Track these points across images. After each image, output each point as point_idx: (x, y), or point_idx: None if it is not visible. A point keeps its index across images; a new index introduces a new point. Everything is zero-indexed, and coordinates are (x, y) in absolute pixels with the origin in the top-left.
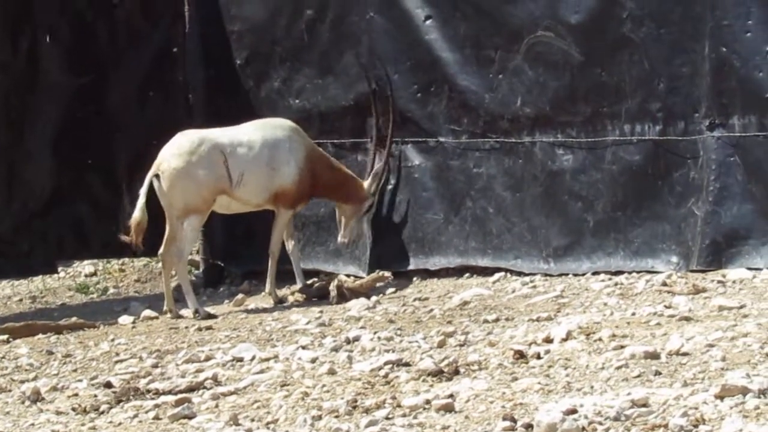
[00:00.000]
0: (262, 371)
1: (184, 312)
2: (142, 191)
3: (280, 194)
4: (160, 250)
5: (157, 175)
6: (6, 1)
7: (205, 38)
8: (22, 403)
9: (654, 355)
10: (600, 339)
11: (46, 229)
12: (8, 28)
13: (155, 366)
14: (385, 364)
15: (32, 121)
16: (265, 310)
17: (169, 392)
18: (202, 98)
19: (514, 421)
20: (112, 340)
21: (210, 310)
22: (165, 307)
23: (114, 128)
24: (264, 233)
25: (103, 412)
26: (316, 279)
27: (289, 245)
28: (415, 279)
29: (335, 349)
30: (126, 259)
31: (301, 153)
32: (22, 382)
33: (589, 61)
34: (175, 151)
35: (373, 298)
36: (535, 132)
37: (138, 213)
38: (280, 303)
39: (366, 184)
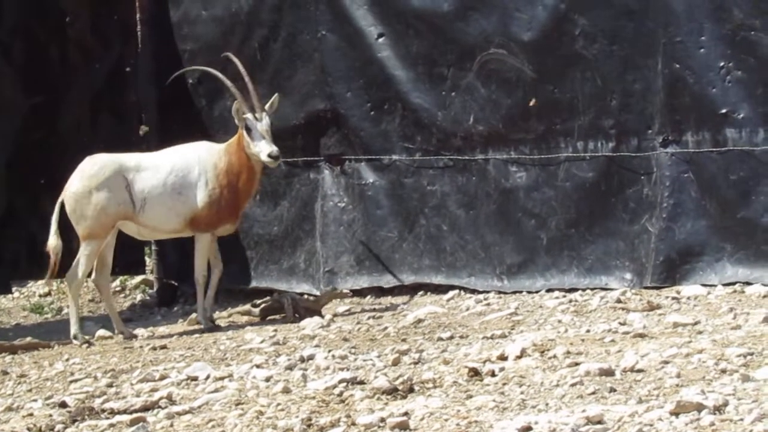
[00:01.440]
0: (216, 390)
1: (138, 331)
2: (54, 217)
3: (194, 219)
4: (92, 276)
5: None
6: None
7: (157, 58)
8: None
9: (609, 372)
10: (554, 356)
11: None
12: None
13: (110, 385)
14: (340, 382)
15: None
16: (219, 329)
17: (124, 411)
18: (154, 118)
19: None
20: (67, 359)
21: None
22: (116, 330)
23: (67, 148)
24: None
25: None
26: (269, 297)
27: (214, 273)
28: (369, 297)
29: (290, 368)
30: None
31: (211, 173)
32: None
33: (541, 78)
34: (78, 175)
35: (327, 317)
36: (488, 149)
37: (52, 239)
38: (212, 330)
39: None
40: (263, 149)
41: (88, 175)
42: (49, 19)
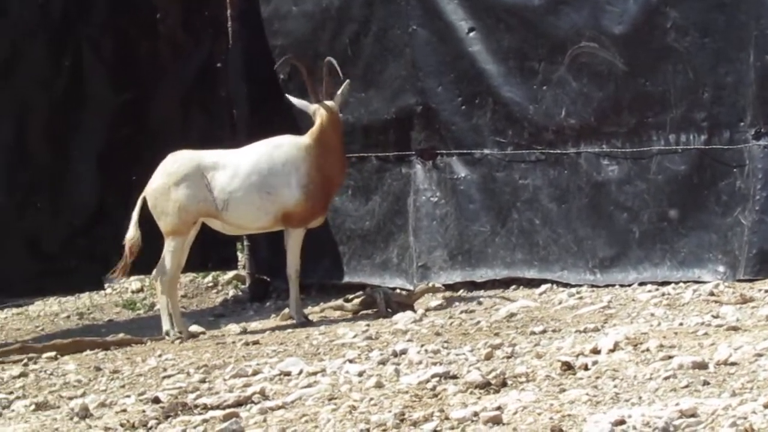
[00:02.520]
0: (309, 385)
1: (230, 327)
2: (135, 210)
3: (287, 216)
4: (153, 272)
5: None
6: (48, 18)
7: (248, 53)
8: (71, 419)
9: (702, 365)
10: (647, 349)
11: (91, 245)
12: (51, 45)
13: (203, 381)
14: (433, 376)
15: (76, 138)
16: (311, 324)
17: (217, 407)
18: (245, 113)
19: None
20: (160, 355)
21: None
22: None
23: (158, 144)
24: (309, 246)
25: (151, 428)
26: (361, 292)
27: None
28: (461, 291)
29: (382, 363)
30: None
31: (303, 168)
32: (71, 398)
33: (633, 71)
34: (159, 171)
35: (420, 311)
36: (580, 143)
37: (131, 231)
38: (304, 325)
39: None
40: None
41: (168, 171)
42: (140, 15)
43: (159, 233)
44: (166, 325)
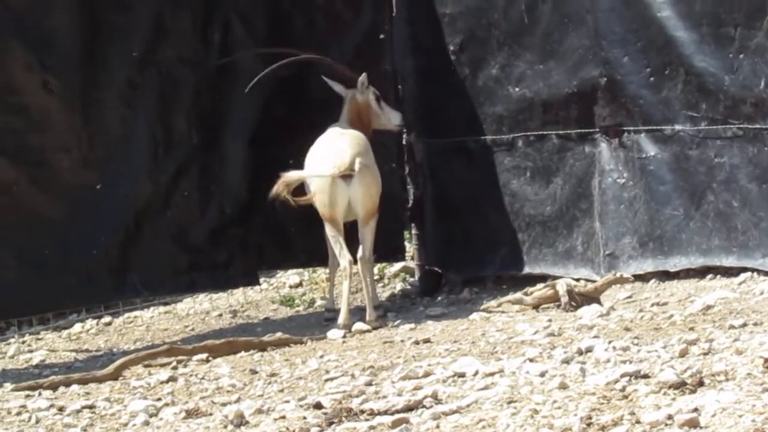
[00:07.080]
0: (486, 387)
1: (399, 324)
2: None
3: None
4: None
5: (348, 175)
6: None
7: (413, 23)
8: (225, 427)
9: None
10: None
11: (245, 237)
12: (197, 19)
13: (369, 384)
14: (622, 376)
15: (227, 119)
16: (486, 320)
17: (385, 412)
18: (412, 88)
19: None
20: (321, 356)
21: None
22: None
23: (316, 125)
24: (485, 235)
25: None
26: (542, 284)
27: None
28: (651, 281)
29: (566, 361)
30: None
31: None
32: (224, 404)
33: None
34: (362, 150)
35: (607, 304)
36: None
37: None
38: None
39: None
40: (394, 115)
41: (366, 149)
42: None
43: (317, 221)
44: (342, 317)
